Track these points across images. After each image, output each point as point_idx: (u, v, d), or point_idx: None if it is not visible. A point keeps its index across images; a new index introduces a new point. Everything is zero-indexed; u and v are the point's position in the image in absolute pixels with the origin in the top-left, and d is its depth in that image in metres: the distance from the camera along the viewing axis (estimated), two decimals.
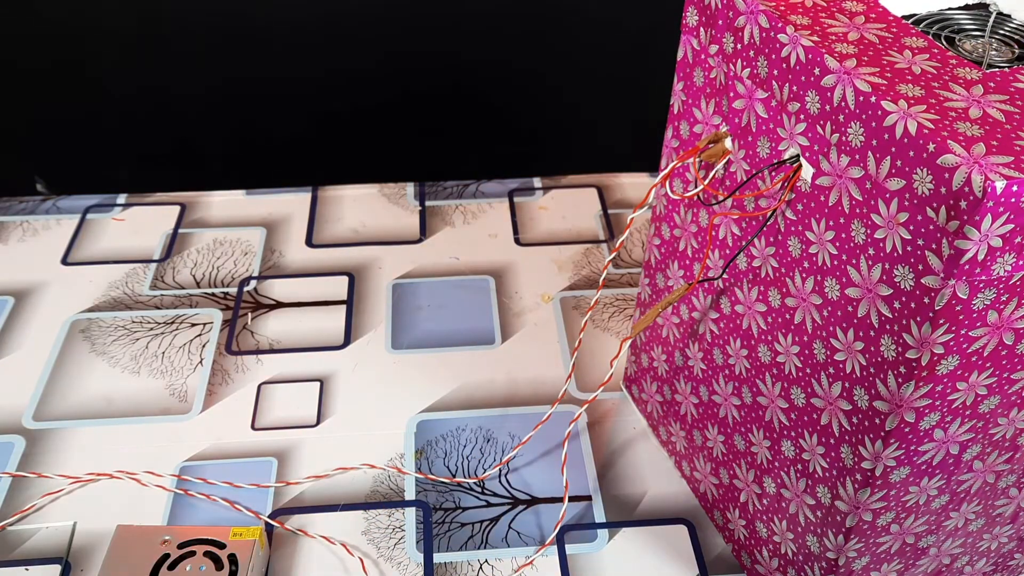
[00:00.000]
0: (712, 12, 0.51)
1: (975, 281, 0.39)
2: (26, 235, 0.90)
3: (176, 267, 0.86)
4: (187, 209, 0.93)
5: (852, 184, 0.43)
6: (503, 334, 0.80)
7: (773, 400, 0.54)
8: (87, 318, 0.81)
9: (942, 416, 0.44)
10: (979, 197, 0.36)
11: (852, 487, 0.48)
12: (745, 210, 0.52)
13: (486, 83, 1.09)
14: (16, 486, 0.67)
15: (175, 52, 1.03)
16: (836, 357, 0.47)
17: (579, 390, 0.75)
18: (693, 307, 0.60)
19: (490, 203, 0.95)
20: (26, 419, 0.72)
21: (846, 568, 0.52)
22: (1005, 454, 0.49)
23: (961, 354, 0.42)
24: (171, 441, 0.70)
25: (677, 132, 0.58)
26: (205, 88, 1.06)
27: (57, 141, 1.09)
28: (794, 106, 0.46)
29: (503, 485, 0.68)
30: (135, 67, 1.04)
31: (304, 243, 0.89)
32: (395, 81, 1.07)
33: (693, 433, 0.64)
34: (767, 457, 0.56)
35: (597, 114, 1.13)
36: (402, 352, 0.78)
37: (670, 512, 0.66)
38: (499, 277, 0.86)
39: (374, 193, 0.96)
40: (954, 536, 0.54)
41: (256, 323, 0.80)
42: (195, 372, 0.76)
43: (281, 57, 1.05)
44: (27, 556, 0.62)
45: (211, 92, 1.06)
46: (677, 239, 0.61)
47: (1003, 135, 0.38)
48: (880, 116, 0.40)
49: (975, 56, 0.46)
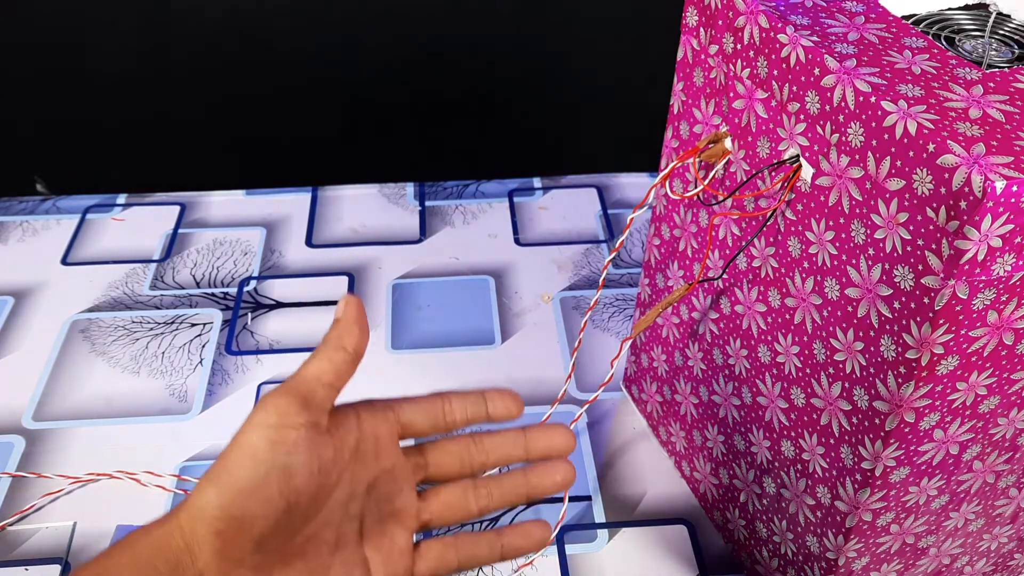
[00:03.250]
0: (712, 12, 0.51)
1: (975, 281, 0.39)
2: (26, 235, 0.90)
3: (176, 267, 0.86)
4: (187, 209, 0.93)
5: (852, 184, 0.43)
6: (503, 334, 0.80)
7: (773, 400, 0.54)
8: (87, 318, 0.81)
9: (942, 416, 0.44)
10: (979, 197, 0.36)
11: (852, 487, 0.48)
12: (745, 210, 0.52)
13: (486, 83, 1.09)
14: (16, 486, 0.67)
15: (175, 52, 1.03)
16: (836, 357, 0.47)
17: (579, 390, 0.75)
18: (693, 307, 0.60)
19: (490, 203, 0.95)
20: (26, 419, 0.72)
21: (846, 568, 0.52)
22: (1005, 454, 0.49)
23: (961, 354, 0.42)
24: (171, 441, 0.70)
25: (677, 132, 0.58)
26: (205, 88, 1.06)
27: (57, 141, 1.09)
28: (794, 106, 0.46)
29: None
30: (135, 67, 1.04)
31: (304, 243, 0.89)
32: (395, 81, 1.07)
33: (693, 433, 0.64)
34: (767, 457, 0.56)
35: (597, 114, 1.13)
36: (402, 352, 0.78)
37: (670, 512, 0.66)
38: (499, 277, 0.86)
39: (374, 193, 0.96)
40: (954, 536, 0.54)
41: (256, 323, 0.80)
42: (195, 372, 0.76)
43: (281, 57, 1.05)
44: (27, 556, 0.62)
45: (211, 92, 1.06)
46: (677, 239, 0.61)
47: (1003, 135, 0.38)
48: (880, 116, 0.40)
49: (975, 56, 0.46)
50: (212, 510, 0.36)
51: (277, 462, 0.36)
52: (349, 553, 0.39)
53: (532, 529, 0.41)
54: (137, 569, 0.35)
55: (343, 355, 0.40)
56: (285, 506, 0.36)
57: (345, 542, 0.39)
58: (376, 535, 0.40)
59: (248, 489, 0.36)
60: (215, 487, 0.36)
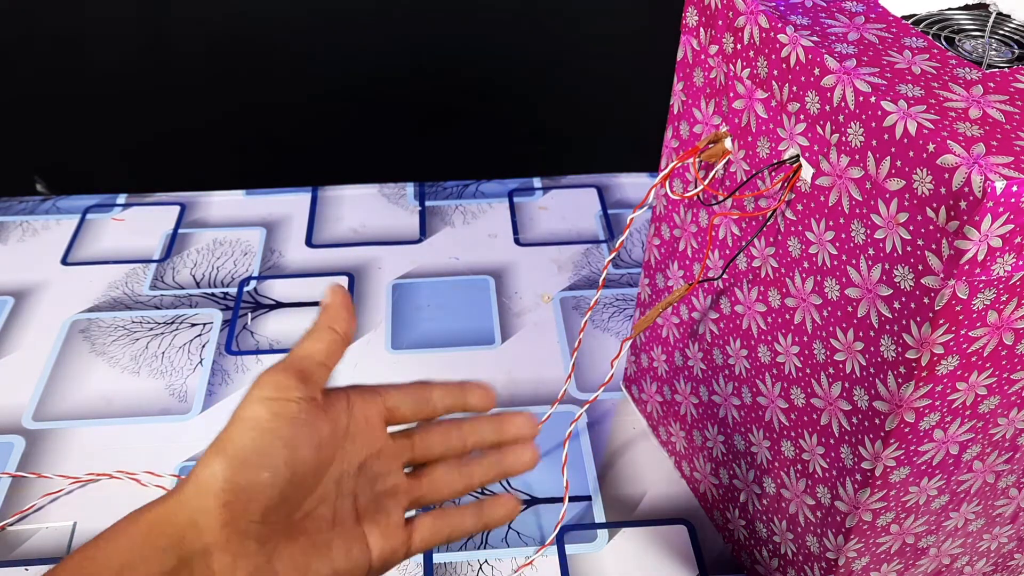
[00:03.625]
0: (712, 12, 0.51)
1: (975, 281, 0.39)
2: (26, 235, 0.90)
3: (176, 267, 0.86)
4: (187, 209, 0.93)
5: (852, 184, 0.43)
6: (503, 334, 0.80)
7: (773, 400, 0.54)
8: (87, 318, 0.81)
9: (942, 416, 0.44)
10: (979, 197, 0.36)
11: (852, 487, 0.48)
12: (745, 210, 0.52)
13: (486, 83, 1.09)
14: (16, 486, 0.67)
15: (176, 52, 1.03)
16: (836, 357, 0.47)
17: (579, 390, 0.75)
18: (693, 307, 0.60)
19: (490, 203, 0.95)
20: (26, 419, 0.72)
21: (846, 568, 0.52)
22: (1005, 454, 0.49)
23: (961, 354, 0.42)
24: (171, 441, 0.70)
25: (677, 132, 0.58)
26: (205, 88, 1.06)
27: (57, 141, 1.09)
28: (794, 106, 0.46)
29: (503, 485, 0.68)
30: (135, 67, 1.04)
31: (304, 243, 0.89)
32: (395, 81, 1.07)
33: (693, 433, 0.64)
34: (767, 457, 0.56)
35: (597, 114, 1.13)
36: (402, 352, 0.78)
37: (670, 512, 0.66)
38: (499, 277, 0.86)
39: (374, 193, 0.96)
40: (954, 536, 0.54)
41: (256, 323, 0.80)
42: (195, 372, 0.76)
43: (281, 57, 1.05)
44: (27, 556, 0.62)
45: (211, 92, 1.07)
46: (677, 239, 0.61)
47: (1003, 135, 0.38)
48: (880, 116, 0.40)
49: (975, 56, 0.46)
50: (219, 482, 0.36)
51: (281, 432, 0.37)
52: (347, 528, 0.41)
53: (506, 501, 0.45)
54: (134, 549, 0.36)
55: (333, 335, 0.42)
56: (289, 476, 0.37)
57: (342, 519, 0.40)
58: (372, 511, 0.42)
59: (254, 459, 0.36)
60: (220, 457, 0.36)
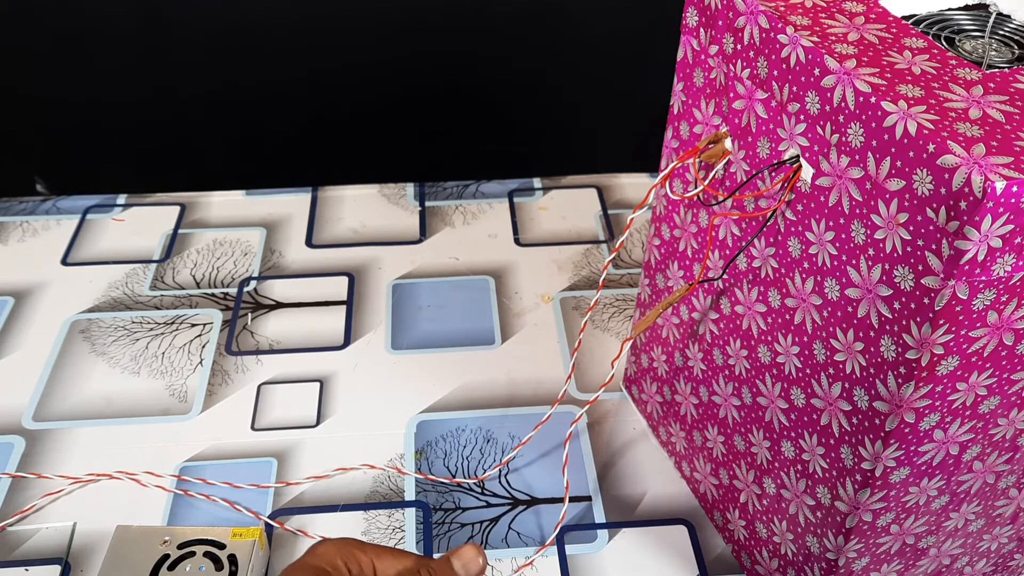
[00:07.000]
0: (712, 12, 0.51)
1: (975, 281, 0.39)
2: (26, 235, 0.90)
3: (176, 267, 0.86)
4: (187, 209, 0.93)
5: (852, 184, 0.43)
6: (503, 334, 0.80)
7: (773, 401, 0.54)
8: (87, 318, 0.81)
9: (942, 417, 0.44)
10: (979, 197, 0.36)
11: (852, 488, 0.48)
12: (745, 210, 0.52)
13: (486, 83, 1.09)
14: (16, 486, 0.67)
15: (175, 52, 1.03)
16: (836, 358, 0.47)
17: (579, 390, 0.75)
18: (693, 308, 0.60)
19: (490, 203, 0.95)
20: (26, 419, 0.72)
21: (846, 568, 0.52)
22: (1005, 454, 0.49)
23: (961, 354, 0.42)
24: (171, 441, 0.70)
25: (677, 132, 0.58)
26: (205, 88, 1.06)
27: (57, 141, 1.09)
28: (794, 106, 0.46)
29: (503, 485, 0.68)
30: (135, 67, 1.04)
31: (304, 243, 0.89)
32: (395, 81, 1.07)
33: (693, 434, 0.64)
34: (767, 458, 0.56)
35: (597, 114, 1.13)
36: (402, 352, 0.78)
37: (670, 512, 0.66)
38: (499, 277, 0.86)
39: (374, 193, 0.96)
40: (954, 537, 0.54)
41: (256, 323, 0.80)
42: (195, 372, 0.76)
43: (281, 57, 1.05)
44: (27, 556, 0.62)
45: (211, 92, 1.06)
46: (677, 239, 0.61)
47: (1003, 135, 0.38)
48: (880, 116, 0.40)
49: (975, 56, 0.46)
50: None
51: None
52: None
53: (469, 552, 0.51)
54: None
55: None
56: None
57: None
58: None
59: None
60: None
